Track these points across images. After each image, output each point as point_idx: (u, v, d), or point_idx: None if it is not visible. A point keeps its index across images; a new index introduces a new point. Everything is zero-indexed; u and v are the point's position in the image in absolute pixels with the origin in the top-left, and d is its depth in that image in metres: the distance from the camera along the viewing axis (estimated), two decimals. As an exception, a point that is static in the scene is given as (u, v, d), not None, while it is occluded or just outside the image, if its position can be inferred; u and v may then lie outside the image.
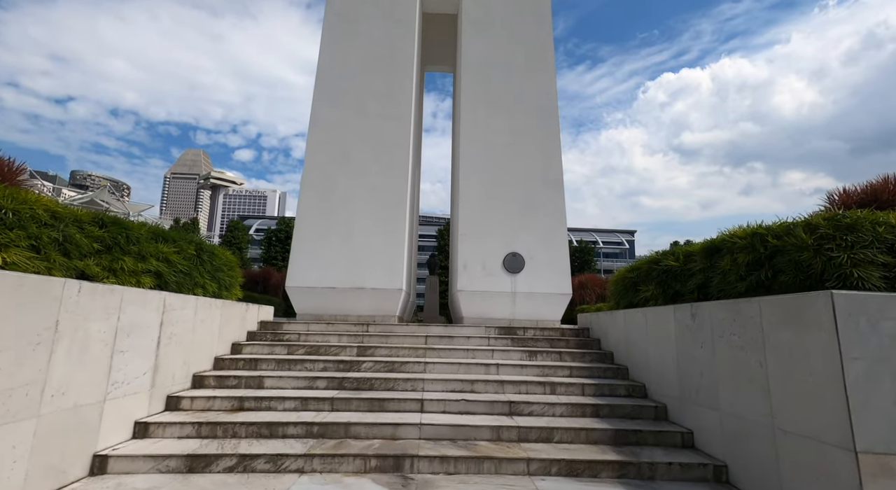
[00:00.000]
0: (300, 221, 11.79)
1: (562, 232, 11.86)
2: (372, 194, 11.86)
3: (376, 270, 11.41)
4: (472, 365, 6.66)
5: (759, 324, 3.98)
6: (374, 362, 6.61)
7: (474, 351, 7.22)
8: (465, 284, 11.46)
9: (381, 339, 7.67)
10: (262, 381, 5.98)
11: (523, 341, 7.73)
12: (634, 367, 6.48)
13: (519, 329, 8.31)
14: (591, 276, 22.58)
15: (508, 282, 11.53)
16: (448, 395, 5.76)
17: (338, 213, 11.71)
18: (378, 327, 8.25)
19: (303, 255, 11.50)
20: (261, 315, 8.20)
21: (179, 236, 6.30)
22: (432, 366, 6.64)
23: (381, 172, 12.03)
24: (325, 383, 6.02)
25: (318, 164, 12.06)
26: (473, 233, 11.81)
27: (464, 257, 11.67)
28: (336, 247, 11.51)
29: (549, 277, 11.52)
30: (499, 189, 12.07)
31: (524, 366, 6.67)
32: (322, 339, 7.66)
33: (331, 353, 7.06)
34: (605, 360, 7.15)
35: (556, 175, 12.16)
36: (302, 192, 11.99)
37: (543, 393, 6.07)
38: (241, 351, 6.99)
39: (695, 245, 6.11)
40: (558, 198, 12.03)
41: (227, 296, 7.37)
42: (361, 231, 11.64)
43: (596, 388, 6.10)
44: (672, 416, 5.40)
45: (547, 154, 12.29)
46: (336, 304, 11.37)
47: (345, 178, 11.96)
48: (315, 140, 12.21)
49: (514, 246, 11.74)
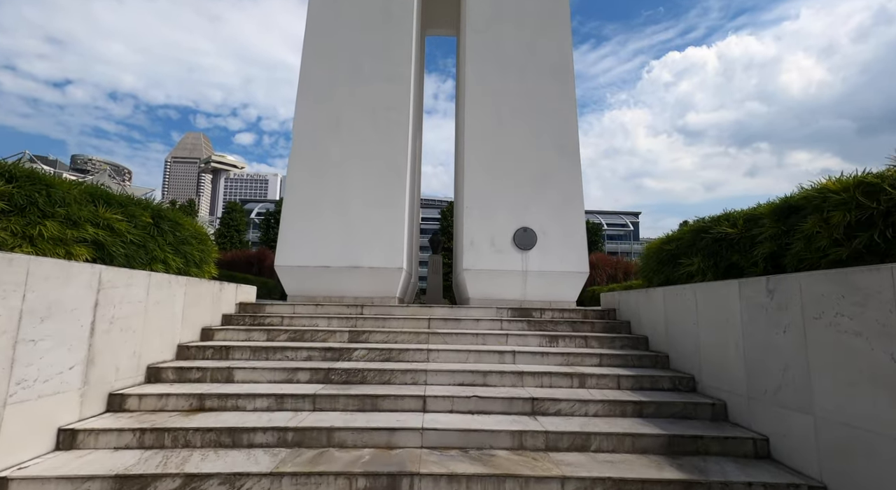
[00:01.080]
0: (289, 194, 10.64)
1: (578, 204, 10.68)
2: (368, 164, 10.68)
3: (374, 248, 10.30)
4: (483, 353, 5.59)
5: (892, 300, 2.86)
6: (367, 350, 5.54)
7: (485, 336, 6.14)
8: (471, 263, 10.36)
9: (377, 323, 6.60)
10: (231, 374, 4.93)
11: (541, 324, 6.64)
12: (678, 355, 5.39)
13: (535, 310, 7.23)
14: (601, 256, 21.48)
15: (519, 259, 10.42)
16: (456, 391, 4.69)
17: (331, 185, 10.55)
18: (374, 309, 7.18)
19: (293, 231, 10.39)
20: (240, 296, 7.13)
21: (130, 200, 5.17)
22: (437, 354, 5.58)
23: (378, 139, 10.82)
24: (307, 376, 4.96)
25: (309, 129, 10.83)
26: (480, 206, 10.65)
27: (470, 233, 10.54)
28: (329, 222, 10.39)
29: (564, 254, 10.39)
30: (508, 158, 10.86)
31: (545, 353, 5.60)
32: (309, 322, 6.59)
33: (318, 339, 6.00)
34: (638, 345, 6.07)
35: (571, 142, 10.92)
36: (291, 161, 10.81)
37: (571, 386, 5.00)
38: (212, 337, 5.93)
39: (760, 207, 4.95)
40: (574, 167, 10.81)
41: (196, 273, 6.29)
42: (357, 204, 10.49)
43: (634, 380, 5.02)
44: (735, 417, 4.32)
45: (561, 118, 11.02)
46: (330, 285, 10.30)
47: (338, 145, 10.76)
48: (305, 103, 10.96)
49: (525, 220, 10.59)
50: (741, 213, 5.21)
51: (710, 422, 4.34)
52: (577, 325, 6.64)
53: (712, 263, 5.33)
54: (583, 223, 10.63)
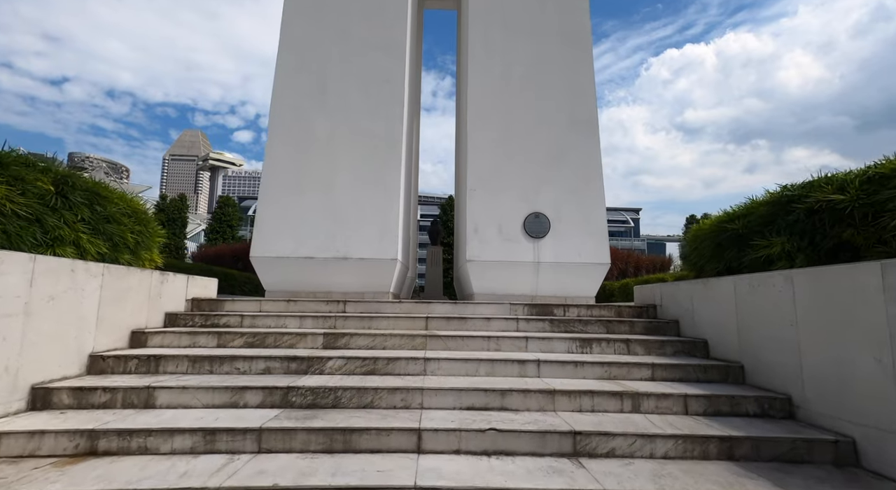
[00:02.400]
0: (267, 174, 9.23)
1: (597, 185, 9.28)
2: (359, 140, 9.27)
3: (365, 236, 8.92)
4: (498, 363, 4.20)
5: None
6: (345, 360, 4.15)
7: (499, 339, 4.75)
8: (475, 253, 8.98)
9: (362, 323, 5.21)
10: (152, 396, 3.53)
11: (567, 324, 5.25)
12: (761, 367, 4.00)
13: (556, 307, 5.83)
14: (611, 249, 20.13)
15: (530, 249, 9.04)
16: (464, 419, 3.31)
17: (315, 163, 9.15)
18: (360, 306, 5.79)
19: (271, 217, 8.99)
20: (193, 290, 5.73)
21: (18, 160, 3.77)
22: (437, 364, 4.19)
23: (370, 111, 9.40)
24: (258, 397, 3.57)
25: (291, 99, 9.41)
26: (486, 187, 9.25)
27: (474, 219, 9.15)
28: (314, 206, 8.99)
29: (582, 242, 9.01)
30: (517, 132, 9.45)
31: (579, 363, 4.21)
32: (276, 322, 5.19)
33: (283, 345, 4.61)
34: (695, 351, 4.68)
35: (588, 114, 9.51)
36: (270, 135, 9.39)
37: (621, 410, 3.62)
38: (144, 343, 4.54)
39: (884, 165, 3.56)
40: (592, 143, 9.41)
41: (129, 261, 4.89)
42: (346, 187, 9.10)
43: (706, 401, 3.64)
44: (872, 462, 2.95)
45: (577, 88, 9.61)
46: (315, 279, 8.92)
47: (324, 118, 9.34)
48: (286, 67, 9.53)
49: (537, 203, 9.20)
50: (846, 176, 3.82)
51: (836, 469, 2.95)
52: (612, 326, 5.25)
53: (807, 243, 3.93)
54: (603, 207, 9.24)
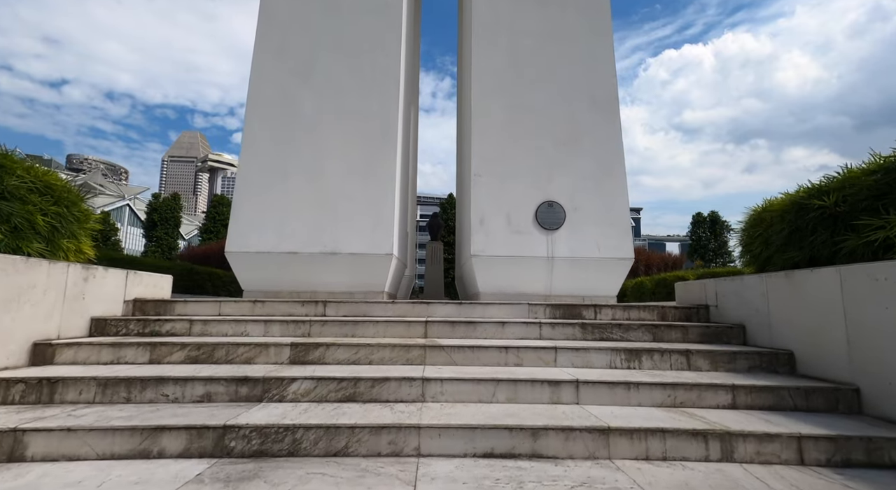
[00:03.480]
0: (246, 159, 8.10)
1: (618, 170, 8.16)
2: (350, 120, 8.15)
3: (356, 228, 7.79)
4: (522, 384, 3.07)
5: None
6: (314, 381, 3.02)
7: (519, 350, 3.61)
8: (481, 247, 7.85)
9: (345, 329, 4.07)
10: (20, 443, 2.39)
11: (601, 330, 4.12)
12: (890, 393, 2.87)
13: (585, 308, 4.69)
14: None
15: (543, 242, 7.92)
16: (481, 475, 2.18)
17: (300, 147, 8.02)
18: (344, 307, 4.64)
19: (250, 207, 7.86)
20: (135, 289, 4.57)
21: None
22: (439, 387, 3.05)
23: (361, 90, 8.28)
24: (180, 442, 2.44)
25: (272, 75, 8.29)
26: (492, 173, 8.13)
27: (479, 208, 8.03)
28: (298, 195, 7.87)
29: (602, 235, 7.88)
30: (527, 112, 8.33)
31: (631, 384, 3.07)
32: (235, 329, 4.05)
33: (236, 360, 3.47)
34: (777, 366, 3.54)
35: (607, 91, 8.39)
36: (248, 115, 8.26)
37: (707, 457, 2.49)
38: (49, 359, 3.40)
39: None
40: (611, 123, 8.29)
41: (41, 251, 3.75)
42: (335, 172, 7.97)
43: (832, 445, 2.50)
44: None
45: (594, 62, 8.50)
46: (299, 277, 7.79)
47: (310, 97, 8.22)
48: (266, 42, 8.41)
49: (550, 192, 8.07)
50: None
51: None
52: (660, 332, 4.11)
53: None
54: (625, 196, 8.11)
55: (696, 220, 32.35)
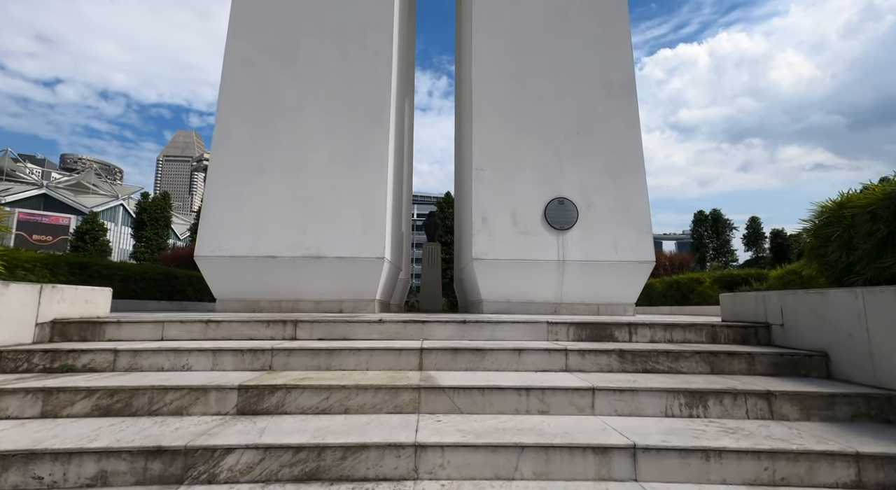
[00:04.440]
0: (218, 153, 7.14)
1: (636, 162, 7.25)
2: (336, 108, 7.20)
3: (343, 229, 6.86)
4: (555, 450, 2.16)
5: None
6: (261, 452, 2.10)
7: (544, 393, 2.69)
8: (483, 249, 6.94)
9: (316, 360, 3.14)
10: None
11: (643, 359, 3.21)
12: None
13: (616, 327, 3.78)
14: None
15: (553, 243, 7.01)
16: None
17: (280, 138, 7.08)
18: (319, 329, 3.70)
19: (222, 205, 6.91)
20: (55, 308, 3.59)
21: None
22: (439, 457, 2.14)
23: (349, 74, 7.34)
24: None
25: (248, 58, 7.33)
26: (496, 167, 7.21)
27: (481, 206, 7.11)
28: (278, 192, 6.93)
29: (619, 235, 6.98)
30: (535, 99, 7.42)
31: (712, 452, 2.17)
32: (173, 361, 3.11)
33: (163, 410, 2.54)
34: (891, 414, 2.66)
35: (623, 75, 7.48)
36: (221, 101, 7.29)
37: None
38: None
39: None
40: (629, 109, 7.38)
41: None
42: (319, 166, 7.04)
43: None
44: None
45: (609, 43, 7.59)
46: (280, 283, 6.85)
47: (291, 82, 7.26)
48: (242, 20, 7.45)
49: (561, 188, 7.17)
50: None
51: None
52: (718, 360, 3.20)
53: None
54: (645, 191, 7.21)
55: (698, 218, 31.54)
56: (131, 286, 9.24)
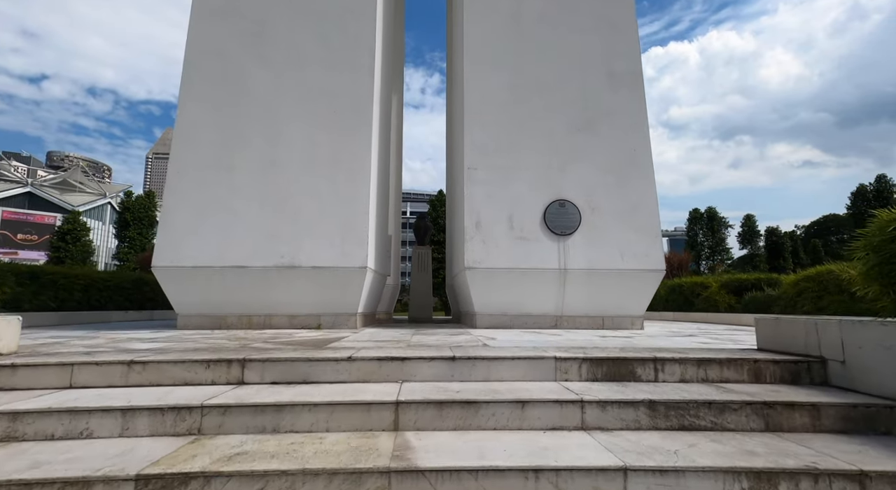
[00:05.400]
0: (179, 151, 6.32)
1: (644, 160, 6.56)
2: (312, 99, 6.43)
3: (321, 235, 6.11)
4: None
5: None
6: None
7: (558, 474, 2.00)
8: (477, 257, 6.22)
9: (260, 419, 2.40)
10: None
11: (680, 412, 2.51)
12: None
13: (638, 363, 3.07)
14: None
15: (554, 250, 6.31)
16: None
17: (250, 135, 6.30)
18: (273, 369, 2.94)
19: (185, 209, 6.12)
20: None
21: None
22: None
23: (328, 62, 6.55)
24: None
25: (214, 42, 6.52)
26: (490, 166, 6.49)
27: (475, 210, 6.39)
28: (247, 193, 6.15)
29: (627, 241, 6.29)
30: (532, 90, 6.69)
31: None
32: (68, 426, 2.34)
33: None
34: None
35: (629, 63, 6.78)
36: (183, 95, 6.48)
37: None
38: None
39: None
40: (635, 102, 6.69)
41: None
42: (293, 164, 6.27)
43: None
44: None
45: (612, 29, 6.88)
46: (249, 296, 6.09)
47: (263, 71, 6.47)
48: (207, 3, 6.62)
49: (562, 188, 6.46)
50: None
51: None
52: (774, 413, 2.51)
53: None
54: (653, 192, 6.52)
55: (693, 216, 31.06)
56: (94, 296, 8.40)
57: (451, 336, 4.83)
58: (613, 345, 3.87)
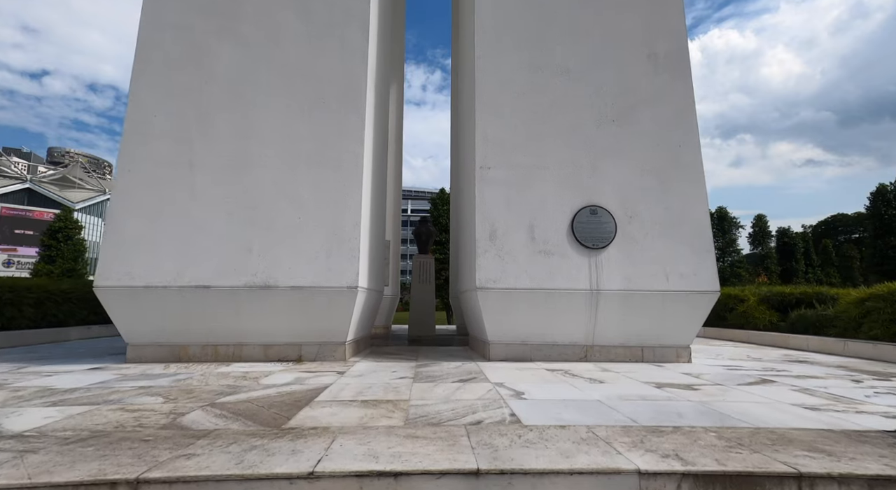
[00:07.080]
0: (130, 147, 5.13)
1: (693, 160, 5.38)
2: (292, 83, 5.26)
3: (302, 248, 4.96)
4: None
5: None
6: None
7: None
8: (491, 275, 5.07)
9: None
10: None
11: None
12: None
13: (764, 478, 1.95)
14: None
15: (584, 267, 5.15)
16: None
17: (216, 127, 5.14)
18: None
19: (135, 218, 4.96)
20: None
21: None
22: None
23: (312, 39, 5.37)
24: None
25: (173, 15, 5.34)
26: (507, 165, 5.32)
27: (488, 217, 5.23)
28: (211, 197, 5.01)
29: (673, 256, 5.13)
30: (558, 75, 5.51)
31: None
32: None
33: None
34: None
35: (673, 42, 5.59)
36: (135, 80, 5.28)
37: None
38: None
39: None
40: (681, 89, 5.50)
41: None
42: (268, 162, 5.11)
43: None
44: None
45: (653, 1, 5.69)
46: (216, 322, 4.95)
47: (233, 50, 5.30)
48: (164, -32, 5.44)
49: (593, 191, 5.30)
50: None
51: None
52: None
53: None
54: (704, 198, 5.34)
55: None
56: (51, 310, 7.28)
57: (463, 384, 3.68)
58: (687, 410, 2.70)
